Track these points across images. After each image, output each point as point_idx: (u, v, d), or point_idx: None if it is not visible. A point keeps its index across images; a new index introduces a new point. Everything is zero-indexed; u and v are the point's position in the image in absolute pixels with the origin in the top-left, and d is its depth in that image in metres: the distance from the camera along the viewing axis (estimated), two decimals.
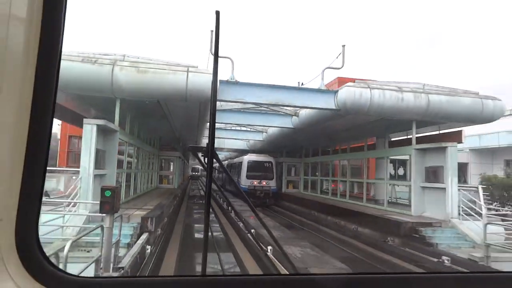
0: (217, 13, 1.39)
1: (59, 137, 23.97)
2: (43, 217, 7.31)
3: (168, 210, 13.49)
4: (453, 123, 12.80)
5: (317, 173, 22.90)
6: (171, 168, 26.63)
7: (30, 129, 1.07)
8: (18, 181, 1.07)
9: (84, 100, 12.00)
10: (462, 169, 33.50)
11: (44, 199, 6.98)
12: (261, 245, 6.77)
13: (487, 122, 12.23)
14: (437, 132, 13.97)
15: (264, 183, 24.09)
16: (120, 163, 12.62)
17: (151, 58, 10.74)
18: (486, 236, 8.66)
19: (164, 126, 16.96)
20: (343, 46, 12.01)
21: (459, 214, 10.64)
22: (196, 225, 15.55)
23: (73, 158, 23.51)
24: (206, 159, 1.45)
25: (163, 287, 1.29)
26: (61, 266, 6.31)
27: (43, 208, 5.87)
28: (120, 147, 12.01)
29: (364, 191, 16.17)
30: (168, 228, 12.13)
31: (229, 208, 15.16)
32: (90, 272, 6.00)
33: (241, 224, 11.26)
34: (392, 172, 27.50)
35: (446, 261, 8.30)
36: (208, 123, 15.94)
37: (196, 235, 13.45)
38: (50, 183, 11.28)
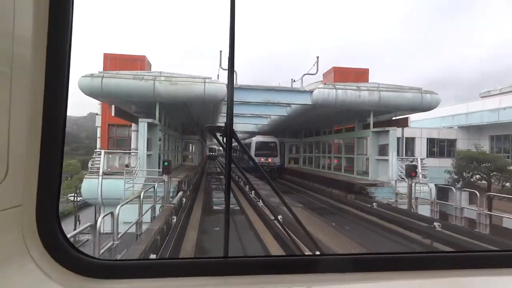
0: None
1: (100, 125, 29.17)
2: (124, 181, 12.32)
3: (193, 180, 18.45)
4: (402, 112, 17.00)
5: (313, 151, 27.41)
6: (192, 149, 31.75)
7: (44, 117, 1.10)
8: (36, 167, 1.11)
9: (133, 102, 16.77)
10: (452, 145, 37.06)
11: (125, 169, 12.23)
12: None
13: (426, 111, 16.41)
14: (394, 118, 18.09)
15: (270, 160, 28.75)
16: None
17: (180, 73, 15.40)
18: (401, 189, 13.18)
19: (187, 117, 21.73)
20: (317, 57, 16.35)
21: (397, 177, 15.07)
22: (214, 192, 20.47)
23: (112, 143, 28.73)
24: (224, 139, 1.43)
25: (186, 268, 1.29)
26: (134, 209, 11.07)
27: (126, 174, 11.15)
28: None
29: (342, 164, 20.68)
30: (194, 191, 17.09)
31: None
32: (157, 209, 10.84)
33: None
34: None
35: (374, 205, 12.90)
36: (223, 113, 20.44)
37: (214, 199, 18.31)
38: (117, 159, 16.33)
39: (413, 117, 42.02)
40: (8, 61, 0.99)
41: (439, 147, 36.32)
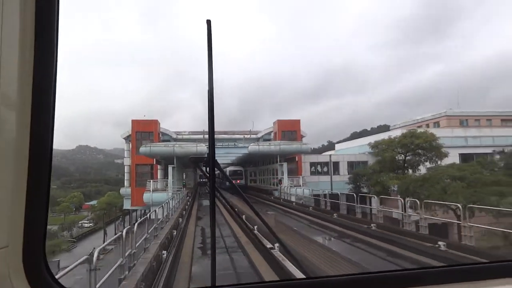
0: (208, 22, 1.37)
1: (129, 164, 46.00)
2: (164, 194, 29.55)
3: (192, 193, 35.52)
4: (294, 154, 34.66)
5: (262, 175, 44.85)
6: (188, 176, 48.92)
7: (30, 159, 1.10)
8: (22, 208, 1.11)
9: (160, 155, 34.06)
10: (365, 166, 54.55)
11: (166, 187, 30.69)
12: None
13: (304, 153, 34.04)
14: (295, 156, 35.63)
15: (238, 181, 45.87)
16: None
17: (184, 138, 32.91)
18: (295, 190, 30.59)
19: (186, 159, 39.00)
20: (250, 130, 34.06)
21: (288, 185, 32.42)
22: (203, 201, 37.30)
23: (139, 178, 45.48)
24: (207, 168, 1.49)
25: None
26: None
27: (167, 191, 30.57)
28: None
29: (273, 182, 38.09)
30: (192, 200, 34.16)
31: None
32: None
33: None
34: (319, 170, 49.26)
35: (273, 197, 30.20)
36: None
37: (203, 201, 35.06)
38: (161, 183, 33.47)
39: (340, 146, 62.19)
40: None
41: (355, 167, 53.84)
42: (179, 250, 11.20)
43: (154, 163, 32.55)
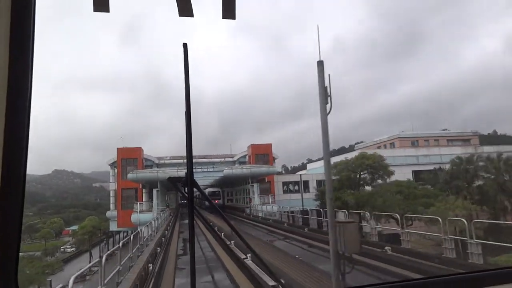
0: (185, 45, 1.35)
1: (115, 188, 49.72)
2: (150, 215, 33.90)
3: (174, 212, 39.84)
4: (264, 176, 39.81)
5: (238, 194, 49.60)
6: (171, 199, 53.09)
7: (2, 180, 1.08)
8: None
9: (146, 181, 38.49)
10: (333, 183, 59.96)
11: (151, 208, 35.46)
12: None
13: (272, 174, 39.23)
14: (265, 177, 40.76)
15: (216, 201, 50.36)
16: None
17: (166, 163, 37.53)
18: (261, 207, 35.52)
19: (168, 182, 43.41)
20: (224, 157, 39.07)
21: (259, 203, 37.35)
22: (184, 220, 41.53)
23: (125, 201, 49.19)
24: (186, 188, 1.46)
25: None
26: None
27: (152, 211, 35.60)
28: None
29: (247, 201, 42.94)
30: (175, 218, 38.44)
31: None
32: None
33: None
34: (291, 188, 54.43)
35: (245, 214, 35.00)
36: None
37: (185, 222, 39.39)
38: (146, 205, 37.70)
39: (311, 166, 68.85)
40: None
41: (323, 185, 59.29)
42: (166, 253, 15.93)
43: (140, 187, 36.83)
